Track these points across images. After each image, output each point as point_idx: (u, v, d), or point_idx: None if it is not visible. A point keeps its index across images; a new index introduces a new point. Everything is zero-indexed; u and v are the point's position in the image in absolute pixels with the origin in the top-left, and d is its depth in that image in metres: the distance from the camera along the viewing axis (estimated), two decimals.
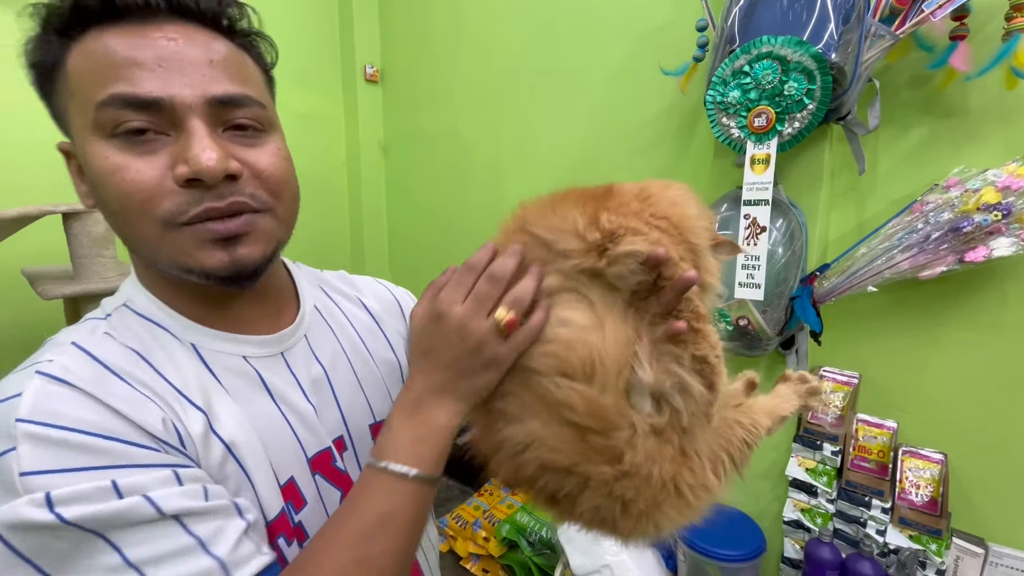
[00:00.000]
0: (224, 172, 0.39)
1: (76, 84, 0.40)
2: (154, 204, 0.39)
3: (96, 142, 0.39)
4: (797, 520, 1.36)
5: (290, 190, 0.47)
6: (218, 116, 0.41)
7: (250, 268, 0.43)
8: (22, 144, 1.66)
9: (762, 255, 1.16)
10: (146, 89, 0.37)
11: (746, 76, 1.13)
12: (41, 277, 1.17)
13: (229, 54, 0.42)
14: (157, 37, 0.38)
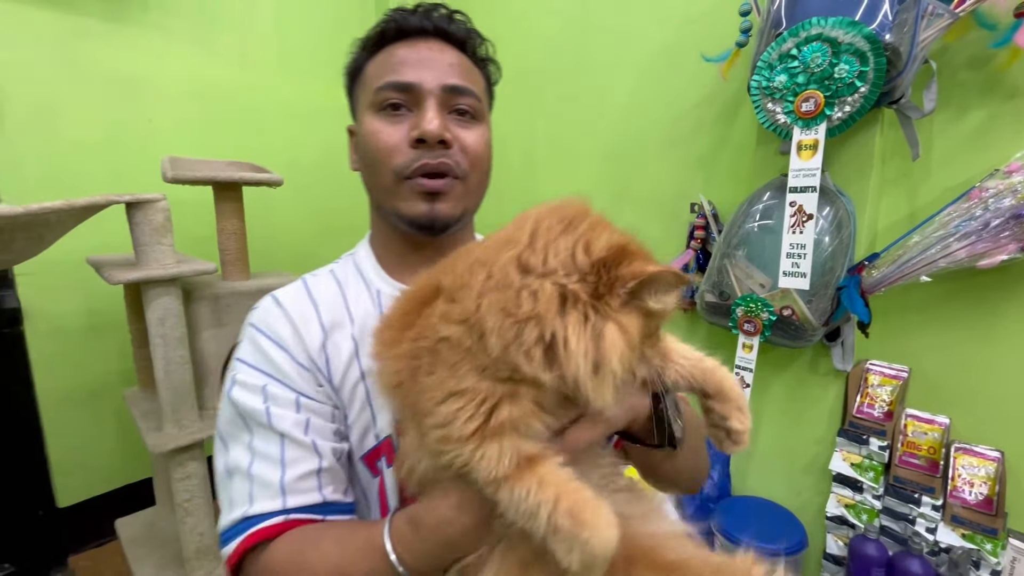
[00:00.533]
0: (440, 136, 0.54)
1: (368, 79, 0.59)
2: (392, 158, 0.55)
3: (368, 115, 0.58)
4: (841, 516, 1.33)
5: (483, 166, 0.60)
6: (447, 100, 0.56)
7: (442, 221, 0.57)
8: (77, 143, 1.77)
9: (808, 243, 1.13)
10: (406, 77, 0.55)
11: (793, 60, 1.10)
12: (106, 265, 1.24)
13: (465, 63, 0.59)
14: (422, 47, 0.57)
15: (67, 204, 0.98)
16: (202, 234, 1.83)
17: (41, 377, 1.78)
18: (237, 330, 1.38)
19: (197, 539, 1.29)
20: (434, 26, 0.57)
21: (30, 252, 1.06)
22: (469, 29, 0.60)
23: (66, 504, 1.87)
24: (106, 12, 1.77)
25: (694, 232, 1.59)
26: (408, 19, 0.57)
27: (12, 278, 1.69)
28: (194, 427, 1.26)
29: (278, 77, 2.24)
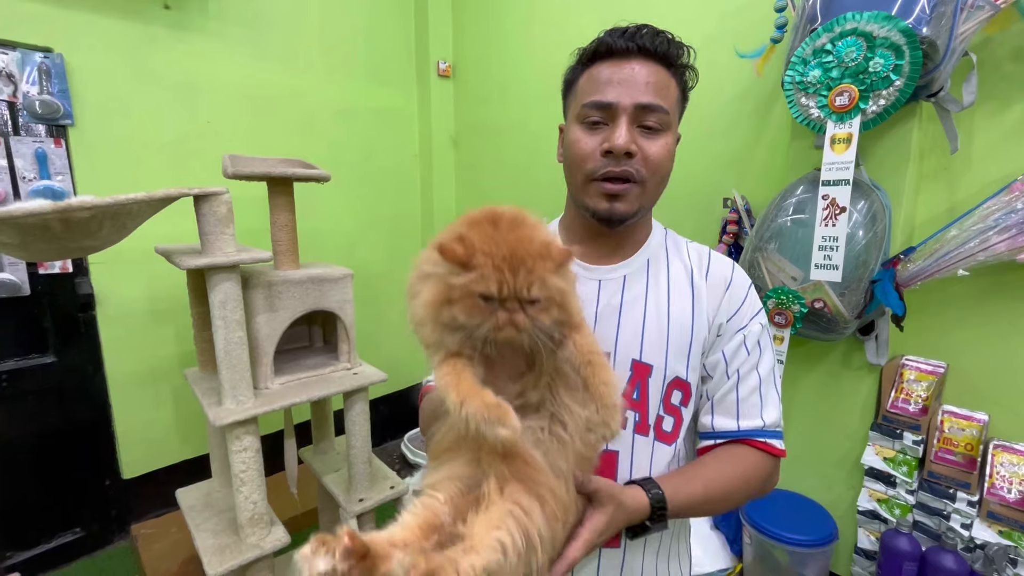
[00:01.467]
0: (625, 150, 0.63)
1: (579, 92, 0.69)
2: (585, 163, 0.66)
3: (574, 125, 0.68)
4: (873, 510, 1.33)
5: (661, 172, 0.67)
6: (638, 116, 0.65)
7: (618, 216, 0.67)
8: (144, 142, 1.91)
9: (840, 236, 1.14)
10: (608, 98, 0.65)
11: (828, 54, 1.12)
12: (174, 253, 1.36)
13: (661, 79, 0.65)
14: (625, 67, 0.65)
15: (147, 196, 1.09)
16: (254, 227, 1.96)
17: (110, 358, 1.93)
18: (289, 315, 1.48)
19: (251, 507, 1.39)
20: (638, 46, 0.65)
21: (113, 240, 1.18)
22: (670, 43, 0.66)
23: (130, 476, 2.03)
24: (171, 20, 1.91)
25: (727, 227, 1.61)
26: (617, 40, 0.66)
27: (87, 266, 1.85)
28: (249, 403, 1.36)
29: (323, 79, 2.35)
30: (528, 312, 0.49)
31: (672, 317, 0.69)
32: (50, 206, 0.95)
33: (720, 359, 0.70)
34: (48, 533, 1.90)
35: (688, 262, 0.74)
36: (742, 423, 0.69)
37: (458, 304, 0.49)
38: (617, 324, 0.69)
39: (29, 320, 1.79)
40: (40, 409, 1.84)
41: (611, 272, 0.72)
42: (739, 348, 0.70)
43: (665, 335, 0.69)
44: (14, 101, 1.68)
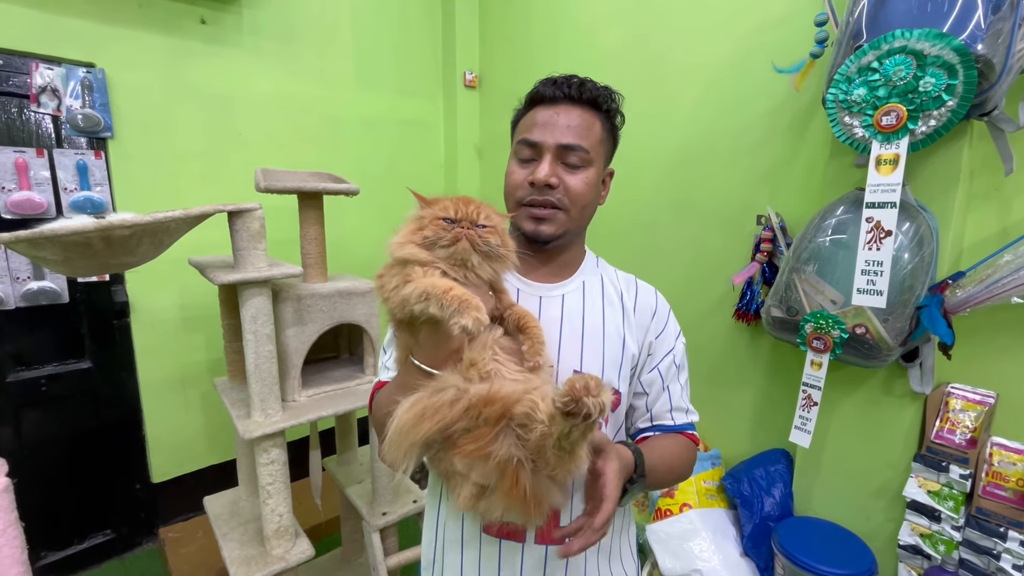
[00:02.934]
0: (546, 182, 0.73)
1: (518, 130, 0.80)
2: (516, 191, 0.76)
3: (512, 158, 0.79)
4: (915, 545, 1.27)
5: (581, 202, 0.76)
6: (561, 155, 0.74)
7: (544, 236, 0.76)
8: (181, 154, 1.96)
9: (885, 260, 1.10)
10: (534, 137, 0.75)
11: (874, 72, 1.08)
12: (207, 266, 1.38)
13: (583, 121, 0.75)
14: (552, 112, 0.75)
15: (184, 213, 1.11)
16: (282, 237, 1.99)
17: (142, 364, 1.98)
18: (317, 328, 1.49)
19: (277, 520, 1.40)
20: (563, 94, 0.75)
21: (150, 256, 1.20)
22: (597, 92, 0.76)
23: (159, 480, 2.07)
24: (207, 35, 1.96)
25: (760, 245, 1.57)
26: (547, 89, 0.76)
27: (122, 275, 1.90)
28: (278, 416, 1.37)
29: (352, 91, 2.38)
30: (478, 232, 0.63)
31: (606, 332, 0.78)
32: (93, 224, 0.97)
33: (656, 377, 0.82)
34: (80, 534, 1.95)
35: (618, 285, 0.84)
36: (677, 420, 0.83)
37: (427, 227, 0.63)
38: (559, 336, 0.77)
39: (67, 327, 1.85)
40: (76, 413, 1.89)
41: (551, 290, 0.80)
42: (670, 366, 0.83)
43: (601, 347, 0.77)
44: (58, 115, 1.74)
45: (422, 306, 0.58)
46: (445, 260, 0.63)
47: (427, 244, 0.63)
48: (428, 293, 0.58)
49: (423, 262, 0.63)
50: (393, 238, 0.66)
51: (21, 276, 1.73)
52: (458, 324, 0.55)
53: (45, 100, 1.72)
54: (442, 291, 0.57)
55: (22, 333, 1.76)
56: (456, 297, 0.57)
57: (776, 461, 1.62)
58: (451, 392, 0.60)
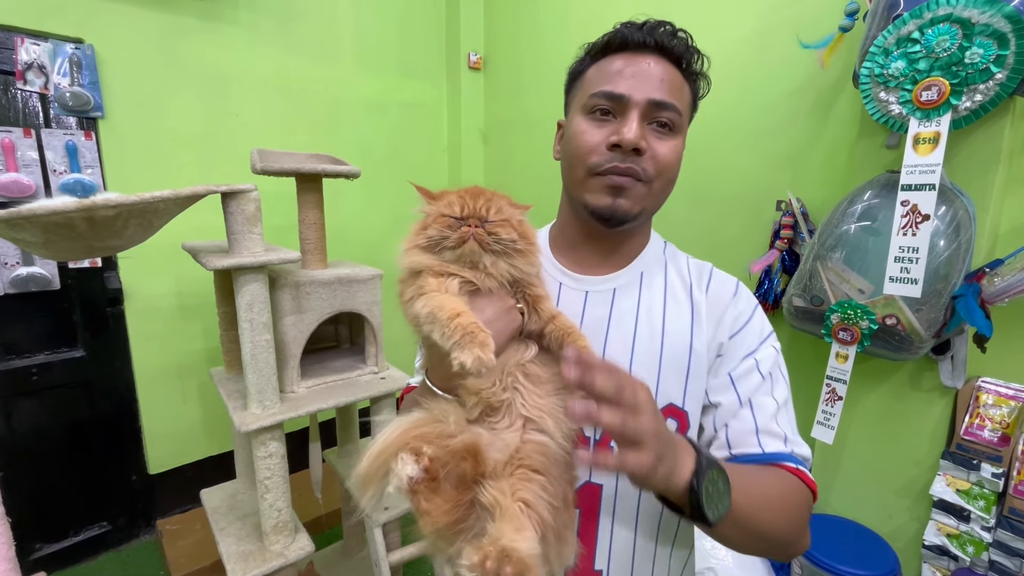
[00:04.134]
0: (635, 145, 0.58)
1: (586, 83, 0.64)
2: (589, 156, 0.61)
3: (579, 116, 0.63)
4: (941, 546, 1.22)
5: (668, 174, 0.63)
6: (651, 112, 0.60)
7: (620, 214, 0.62)
8: (174, 135, 1.88)
9: (922, 247, 1.03)
10: (620, 89, 0.60)
11: (915, 44, 1.00)
12: (201, 251, 1.32)
13: (675, 79, 0.61)
14: (640, 61, 0.60)
15: (174, 194, 1.04)
16: (279, 224, 1.92)
17: (137, 353, 1.92)
18: (316, 317, 1.43)
19: (275, 515, 1.35)
20: (655, 41, 0.60)
21: (139, 239, 1.14)
22: (688, 46, 0.62)
23: (156, 471, 2.02)
24: (202, 11, 1.87)
25: (780, 231, 1.49)
26: (633, 33, 0.61)
27: (115, 261, 1.84)
28: (275, 408, 1.31)
29: (353, 72, 2.30)
30: (488, 229, 0.56)
31: (667, 335, 0.64)
32: (75, 204, 0.91)
33: (727, 384, 0.62)
34: (76, 526, 1.90)
35: (687, 276, 0.68)
36: (767, 448, 0.60)
37: (432, 225, 0.57)
38: (604, 340, 0.64)
39: (59, 314, 1.79)
40: (69, 403, 1.84)
41: (600, 283, 0.67)
42: (750, 373, 0.62)
43: (658, 355, 0.63)
44: (45, 93, 1.67)
45: (429, 328, 0.51)
46: (453, 263, 0.56)
47: (432, 246, 0.56)
48: (435, 316, 0.50)
49: (436, 271, 0.55)
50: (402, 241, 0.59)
51: (9, 262, 1.66)
52: (457, 360, 0.47)
53: (32, 77, 1.64)
54: (447, 316, 0.49)
55: (12, 321, 1.70)
56: (460, 327, 0.48)
57: None
58: (449, 426, 0.53)
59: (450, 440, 0.52)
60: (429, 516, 0.49)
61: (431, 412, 0.55)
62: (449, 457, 0.51)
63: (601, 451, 0.50)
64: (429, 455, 0.49)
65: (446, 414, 0.54)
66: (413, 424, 0.54)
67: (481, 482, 0.50)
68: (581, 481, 0.61)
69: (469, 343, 0.47)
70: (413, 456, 0.49)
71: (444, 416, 0.54)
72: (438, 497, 0.50)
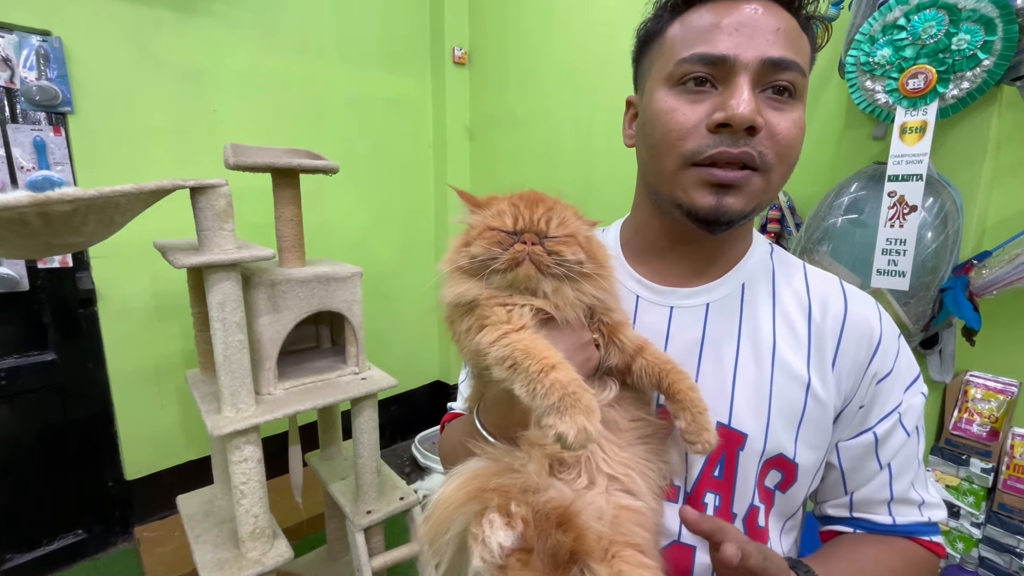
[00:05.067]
0: (750, 122, 0.44)
1: (668, 46, 0.49)
2: (684, 142, 0.47)
3: (662, 90, 0.49)
4: None
5: (791, 157, 0.49)
6: (766, 75, 0.45)
7: (728, 215, 0.47)
8: (147, 130, 1.83)
9: (909, 238, 1.01)
10: (720, 49, 0.45)
11: (901, 31, 0.98)
12: (171, 249, 1.27)
13: (792, 27, 0.46)
14: (745, 7, 0.45)
15: (136, 188, 0.99)
16: (258, 221, 1.87)
17: (112, 356, 1.87)
18: (293, 316, 1.38)
19: (252, 521, 1.30)
20: None
21: (100, 236, 1.09)
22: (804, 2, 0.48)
23: (133, 477, 1.96)
24: (176, 3, 1.82)
25: (767, 225, 1.47)
26: None
27: (88, 260, 1.78)
28: (250, 411, 1.27)
29: (335, 66, 2.25)
30: (547, 247, 0.45)
31: (778, 367, 0.51)
32: (27, 199, 0.86)
33: (870, 448, 0.52)
34: (49, 535, 1.84)
35: (805, 294, 0.54)
36: (899, 519, 0.52)
37: (476, 241, 0.46)
38: (697, 370, 0.52)
39: (28, 316, 1.73)
40: (40, 408, 1.78)
41: (690, 297, 0.54)
42: (894, 431, 0.52)
43: (767, 393, 0.50)
44: (11, 87, 1.61)
45: (503, 375, 0.40)
46: (502, 289, 0.45)
47: (476, 268, 0.46)
48: (517, 364, 0.39)
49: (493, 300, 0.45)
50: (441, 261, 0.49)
51: None
52: (554, 430, 0.36)
53: None
54: (538, 369, 0.38)
55: None
56: (559, 386, 0.37)
57: None
58: (529, 478, 0.42)
59: (535, 498, 0.41)
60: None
61: (500, 460, 0.45)
62: (539, 522, 0.40)
63: None
64: (523, 517, 0.38)
65: (523, 462, 0.44)
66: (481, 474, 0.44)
67: (582, 561, 0.39)
68: (668, 540, 0.51)
69: (571, 409, 0.36)
70: (504, 518, 0.38)
71: (521, 464, 0.44)
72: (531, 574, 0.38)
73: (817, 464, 0.52)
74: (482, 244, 0.46)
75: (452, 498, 0.42)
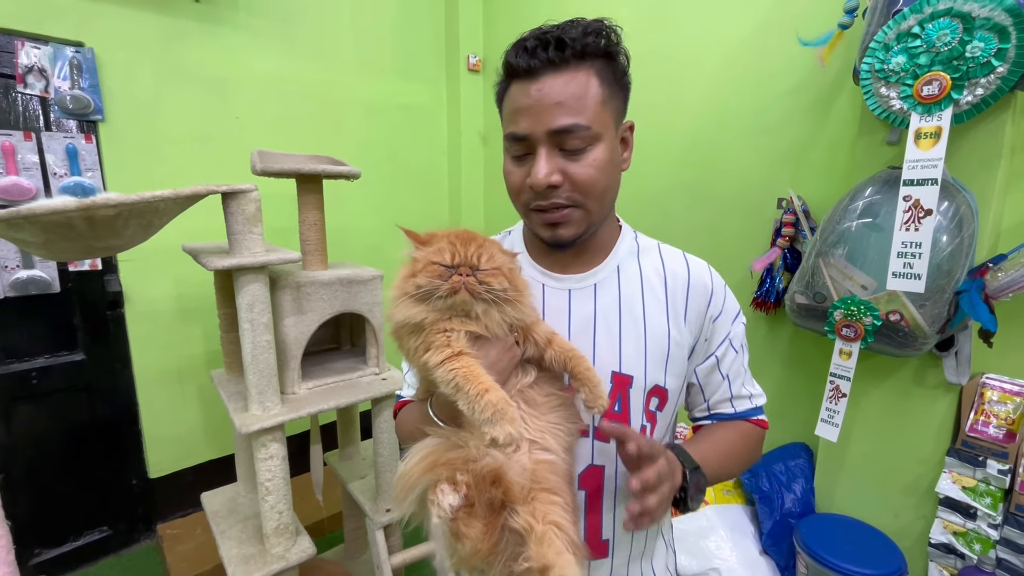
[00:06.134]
0: (547, 185, 0.59)
1: (504, 118, 0.65)
2: (519, 195, 0.64)
3: (505, 152, 0.65)
4: (948, 544, 1.21)
5: (596, 190, 0.62)
6: (558, 140, 0.59)
7: (565, 241, 0.64)
8: (173, 138, 1.88)
9: (925, 242, 1.03)
10: (520, 129, 0.60)
11: (915, 38, 1.00)
12: (202, 252, 1.31)
13: (574, 89, 0.58)
14: (532, 88, 0.59)
15: (174, 193, 1.04)
16: (281, 225, 1.92)
17: (138, 356, 1.91)
18: (317, 318, 1.42)
19: (276, 517, 1.34)
20: (542, 61, 0.58)
21: (139, 239, 1.13)
22: (583, 41, 0.58)
23: (156, 475, 2.01)
24: (201, 14, 1.88)
25: (781, 229, 1.49)
26: (519, 60, 0.59)
27: (116, 263, 1.83)
28: (276, 410, 1.30)
29: (353, 75, 2.30)
30: (479, 278, 0.56)
31: (648, 325, 0.68)
32: (74, 203, 0.90)
33: (713, 366, 0.72)
34: (76, 531, 1.89)
35: (660, 265, 0.72)
36: (738, 408, 0.74)
37: (421, 273, 0.56)
38: (593, 336, 0.68)
39: (59, 317, 1.78)
40: (69, 407, 1.83)
41: (581, 281, 0.70)
42: (727, 352, 0.72)
43: (643, 344, 0.67)
44: (46, 96, 1.67)
45: (448, 392, 0.54)
46: (443, 312, 0.57)
47: (421, 296, 0.56)
48: (459, 387, 0.53)
49: (436, 327, 0.56)
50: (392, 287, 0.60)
51: (9, 264, 1.66)
52: (489, 435, 0.50)
53: (32, 80, 1.64)
54: (476, 392, 0.52)
55: (11, 324, 1.70)
56: (491, 405, 0.51)
57: (796, 455, 1.56)
58: (471, 451, 0.55)
59: (474, 465, 0.54)
60: (469, 540, 0.53)
61: (448, 438, 0.58)
62: (478, 483, 0.54)
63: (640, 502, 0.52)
64: (466, 482, 0.53)
65: (465, 439, 0.57)
66: (434, 450, 0.57)
67: (510, 507, 0.53)
68: (584, 464, 0.66)
69: (500, 421, 0.50)
70: (451, 485, 0.53)
71: (464, 441, 0.57)
72: (476, 522, 0.53)
73: (680, 388, 0.71)
74: (426, 276, 0.56)
75: (412, 471, 0.56)
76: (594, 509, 0.67)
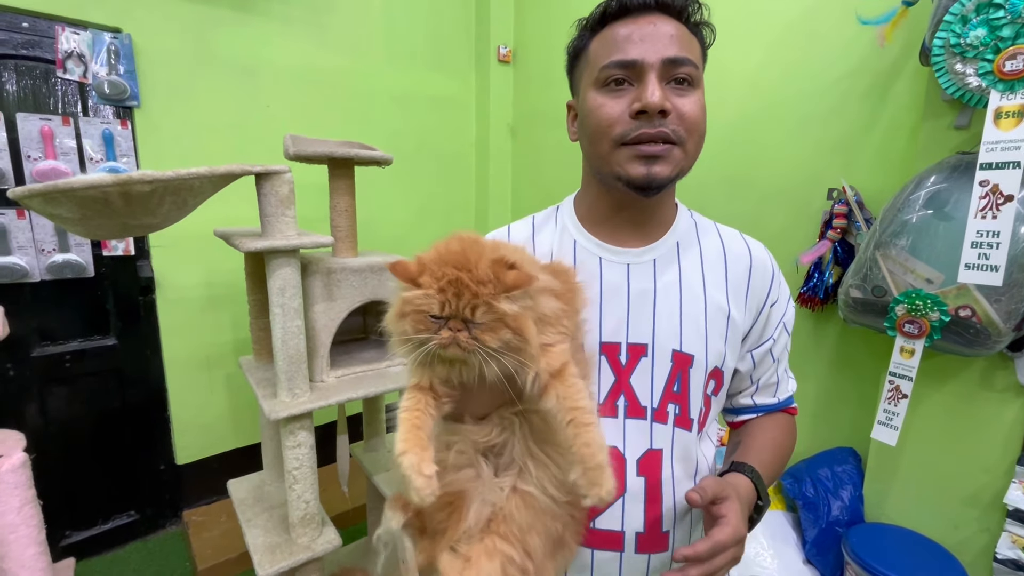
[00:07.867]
0: (660, 107, 0.57)
1: (591, 58, 0.63)
2: (612, 128, 0.60)
3: (591, 92, 0.62)
4: (1016, 559, 1.12)
5: (698, 131, 0.62)
6: (667, 72, 0.59)
7: (658, 181, 0.60)
8: (206, 124, 1.88)
9: (1004, 230, 0.94)
10: (631, 55, 0.59)
11: (999, 8, 0.92)
12: (235, 235, 1.30)
13: (683, 33, 0.60)
14: (643, 22, 0.59)
15: (209, 171, 1.02)
16: (310, 215, 1.90)
17: (167, 343, 1.92)
18: (347, 305, 1.39)
19: (303, 506, 1.31)
20: (655, 1, 0.60)
21: (174, 218, 1.12)
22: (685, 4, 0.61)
23: (184, 462, 2.02)
24: (236, 2, 1.88)
25: (832, 221, 1.41)
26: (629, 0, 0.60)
27: (148, 249, 1.84)
28: (305, 397, 1.28)
29: (382, 64, 2.28)
30: (473, 332, 0.49)
31: (709, 304, 0.67)
32: (111, 178, 0.89)
33: (769, 349, 0.71)
34: (104, 515, 1.91)
35: (720, 247, 0.70)
36: (780, 396, 0.75)
37: (409, 318, 0.51)
38: (653, 312, 0.66)
39: (93, 302, 1.80)
40: (100, 391, 1.84)
41: (640, 255, 0.68)
42: (781, 333, 0.71)
43: (703, 323, 0.66)
44: (84, 82, 1.68)
45: None
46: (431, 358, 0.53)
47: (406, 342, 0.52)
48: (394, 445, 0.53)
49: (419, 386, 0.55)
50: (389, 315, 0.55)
51: (46, 248, 1.68)
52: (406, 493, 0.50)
53: (71, 66, 1.66)
54: (398, 452, 0.50)
55: (47, 307, 1.71)
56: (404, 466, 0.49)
57: (843, 460, 1.47)
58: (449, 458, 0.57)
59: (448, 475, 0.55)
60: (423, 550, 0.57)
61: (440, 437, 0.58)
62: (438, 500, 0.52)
63: None
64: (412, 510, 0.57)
65: (450, 445, 0.56)
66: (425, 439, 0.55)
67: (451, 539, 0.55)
68: (642, 450, 0.64)
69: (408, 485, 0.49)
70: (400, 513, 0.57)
71: (449, 445, 0.56)
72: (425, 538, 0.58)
73: (731, 370, 0.70)
74: (413, 323, 0.51)
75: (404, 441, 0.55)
76: (654, 499, 0.64)
